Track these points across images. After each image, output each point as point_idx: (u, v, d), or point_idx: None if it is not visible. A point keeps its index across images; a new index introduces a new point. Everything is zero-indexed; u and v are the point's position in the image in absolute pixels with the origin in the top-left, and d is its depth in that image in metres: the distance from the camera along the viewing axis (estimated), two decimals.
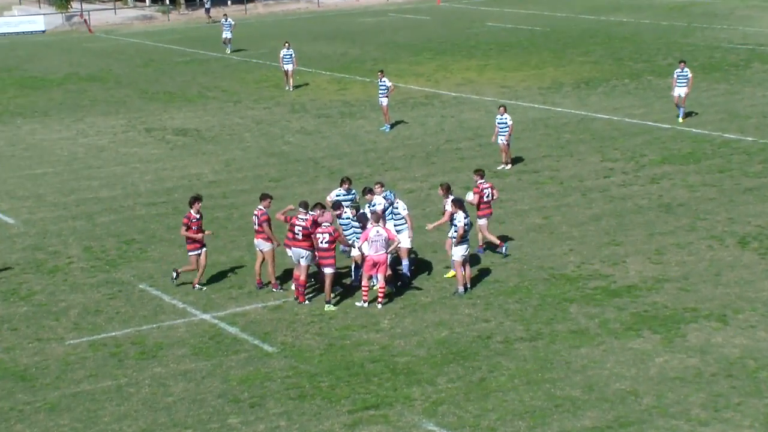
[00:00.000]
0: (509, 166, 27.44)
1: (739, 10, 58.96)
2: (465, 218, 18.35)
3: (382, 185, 19.69)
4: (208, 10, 65.18)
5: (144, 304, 18.92)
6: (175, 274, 19.51)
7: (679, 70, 31.33)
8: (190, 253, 19.29)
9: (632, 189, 25.09)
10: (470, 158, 28.69)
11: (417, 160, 28.80)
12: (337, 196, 20.17)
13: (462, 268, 18.61)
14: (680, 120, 31.47)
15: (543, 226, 22.51)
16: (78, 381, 15.86)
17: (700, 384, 15.03)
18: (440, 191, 19.66)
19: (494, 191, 20.64)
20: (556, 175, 26.56)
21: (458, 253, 18.47)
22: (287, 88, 38.38)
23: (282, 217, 18.86)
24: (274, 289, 19.05)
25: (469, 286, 18.90)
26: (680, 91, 31.30)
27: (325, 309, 18.36)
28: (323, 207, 18.73)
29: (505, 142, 27.16)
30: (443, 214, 19.44)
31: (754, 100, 34.81)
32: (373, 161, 28.82)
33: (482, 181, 20.59)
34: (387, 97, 32.06)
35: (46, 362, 16.58)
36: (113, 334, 17.62)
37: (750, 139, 29.62)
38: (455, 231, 18.39)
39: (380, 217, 18.51)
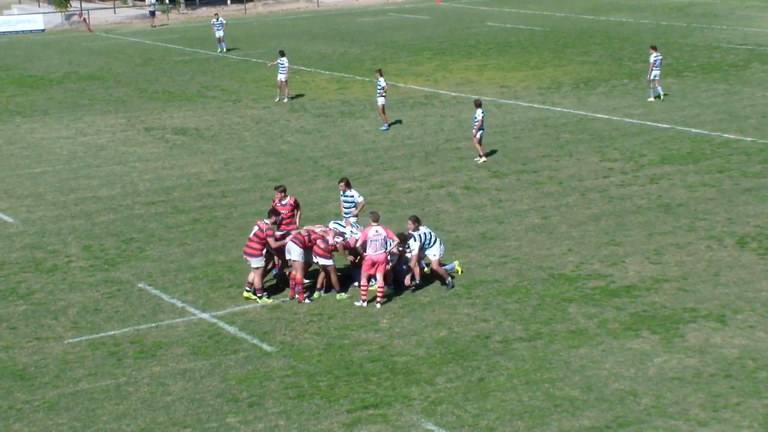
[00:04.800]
0: (482, 159, 27.80)
1: (738, 11, 58.90)
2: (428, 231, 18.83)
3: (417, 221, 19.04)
4: (152, 13, 62.98)
5: (143, 303, 18.86)
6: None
7: (654, 55, 34.24)
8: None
9: (631, 189, 25.03)
10: (469, 158, 28.62)
11: (416, 159, 28.73)
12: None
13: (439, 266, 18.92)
14: (652, 100, 34.72)
15: (542, 226, 22.45)
16: (77, 380, 15.80)
17: (699, 384, 14.97)
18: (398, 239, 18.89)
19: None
20: (555, 175, 26.51)
21: (432, 253, 18.68)
22: (277, 99, 37.87)
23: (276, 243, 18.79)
24: (258, 295, 18.81)
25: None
26: (655, 74, 34.42)
27: (337, 297, 18.59)
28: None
29: (474, 136, 27.69)
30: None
31: (754, 101, 34.73)
32: (373, 161, 28.76)
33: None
34: (383, 96, 32.02)
35: (44, 361, 16.52)
36: (112, 333, 17.56)
37: (749, 139, 29.55)
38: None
39: (378, 217, 18.54)
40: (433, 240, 18.98)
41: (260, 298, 18.65)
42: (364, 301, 18.31)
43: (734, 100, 34.97)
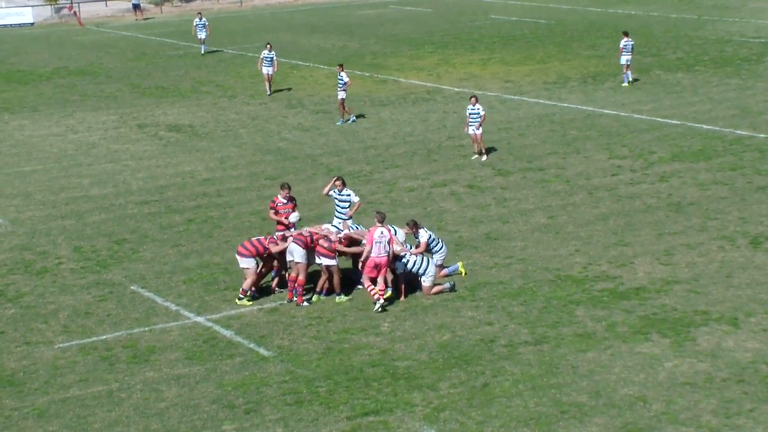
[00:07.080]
0: (485, 157, 27.58)
1: (751, 2, 59.03)
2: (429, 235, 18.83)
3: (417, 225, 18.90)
4: (137, 6, 62.69)
5: (136, 307, 18.70)
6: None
7: (624, 40, 36.11)
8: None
9: (641, 187, 24.92)
10: (473, 155, 28.37)
11: (418, 157, 28.62)
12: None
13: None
14: (625, 85, 36.40)
15: (548, 226, 22.31)
16: (67, 386, 15.64)
17: (711, 389, 14.80)
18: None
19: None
20: (562, 173, 26.40)
21: (425, 277, 18.58)
22: (268, 93, 37.73)
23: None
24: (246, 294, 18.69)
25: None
26: (626, 59, 36.21)
27: (336, 300, 18.42)
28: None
29: (477, 132, 27.56)
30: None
31: (767, 96, 34.53)
32: (373, 158, 28.66)
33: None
34: (344, 91, 32.34)
35: (34, 366, 16.35)
36: (104, 337, 17.40)
37: (762, 135, 29.48)
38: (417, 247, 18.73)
39: (384, 218, 18.40)
40: (437, 242, 18.87)
41: (239, 299, 18.47)
42: (381, 298, 17.84)
43: (747, 95, 34.97)
